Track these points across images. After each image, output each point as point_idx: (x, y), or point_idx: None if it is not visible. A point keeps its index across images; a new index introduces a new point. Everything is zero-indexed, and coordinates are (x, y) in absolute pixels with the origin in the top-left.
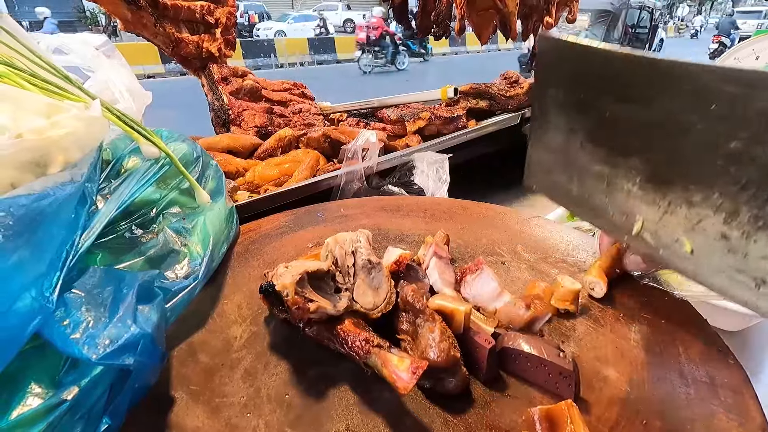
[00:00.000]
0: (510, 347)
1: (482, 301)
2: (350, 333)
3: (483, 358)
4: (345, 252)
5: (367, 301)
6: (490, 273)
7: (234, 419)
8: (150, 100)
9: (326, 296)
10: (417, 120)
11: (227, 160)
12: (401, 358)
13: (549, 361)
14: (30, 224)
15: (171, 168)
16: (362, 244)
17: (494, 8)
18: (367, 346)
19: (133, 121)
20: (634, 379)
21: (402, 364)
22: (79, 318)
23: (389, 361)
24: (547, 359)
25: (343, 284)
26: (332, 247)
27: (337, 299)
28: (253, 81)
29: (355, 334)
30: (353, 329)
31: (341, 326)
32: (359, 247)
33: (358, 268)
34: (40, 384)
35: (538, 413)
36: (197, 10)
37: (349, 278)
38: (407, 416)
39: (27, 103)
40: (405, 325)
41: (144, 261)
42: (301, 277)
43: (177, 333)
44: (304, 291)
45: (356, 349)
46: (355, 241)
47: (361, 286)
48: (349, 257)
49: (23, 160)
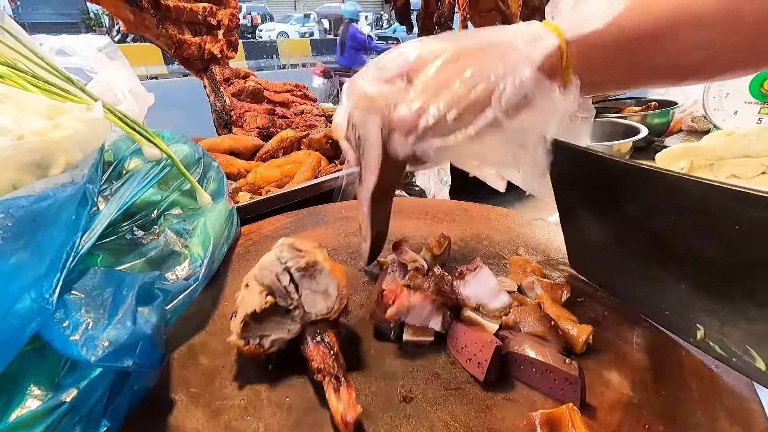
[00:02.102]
0: (515, 352)
1: (483, 300)
2: (309, 360)
3: (487, 358)
4: (275, 275)
5: (320, 307)
6: (488, 271)
7: (234, 422)
8: (152, 101)
9: (280, 323)
10: None
11: (229, 161)
12: (338, 401)
13: (555, 367)
14: (30, 226)
15: (172, 169)
16: (288, 256)
17: (497, 10)
18: (320, 375)
19: (135, 122)
20: (636, 383)
21: (338, 411)
22: (79, 319)
23: (330, 400)
24: (553, 365)
25: (291, 303)
26: (260, 278)
27: (290, 321)
28: (255, 82)
29: (312, 360)
30: (312, 353)
31: (303, 347)
32: (287, 261)
33: (298, 280)
34: (39, 386)
35: (539, 417)
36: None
37: (294, 295)
38: (408, 420)
39: (29, 105)
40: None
41: (144, 262)
42: (245, 323)
43: (177, 335)
44: (254, 333)
45: (317, 376)
46: (280, 258)
47: (308, 295)
48: (283, 277)
49: (25, 162)
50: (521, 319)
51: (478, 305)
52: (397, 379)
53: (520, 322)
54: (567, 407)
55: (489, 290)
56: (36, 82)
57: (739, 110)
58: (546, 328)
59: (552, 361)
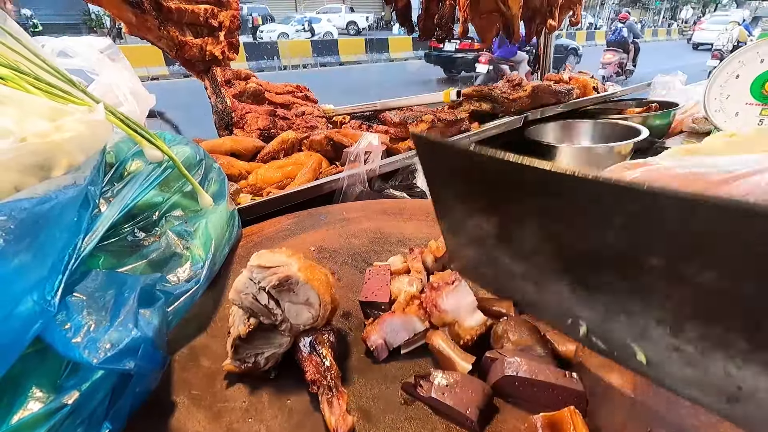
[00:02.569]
0: (512, 375)
1: (460, 315)
2: (304, 371)
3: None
4: (252, 295)
5: (305, 317)
6: (466, 286)
7: (235, 424)
8: (154, 102)
9: (270, 338)
10: (420, 123)
11: (230, 162)
12: (331, 413)
13: (558, 385)
14: (32, 228)
15: (174, 171)
16: (260, 276)
17: (497, 11)
18: (314, 387)
19: (137, 124)
20: (638, 385)
21: (330, 422)
22: (81, 322)
23: (324, 411)
24: (556, 383)
25: (276, 318)
26: (238, 302)
27: (279, 336)
28: (256, 84)
29: (306, 371)
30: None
31: (297, 357)
32: (260, 281)
33: (277, 295)
34: (41, 388)
35: (540, 420)
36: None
37: (276, 311)
38: (410, 422)
39: (31, 107)
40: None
41: (146, 264)
42: (235, 347)
43: (179, 337)
44: (248, 354)
45: (311, 387)
46: (254, 279)
47: (291, 308)
48: (260, 296)
49: (27, 164)
50: (510, 329)
51: (454, 321)
52: (399, 382)
53: (509, 332)
54: (568, 410)
55: (466, 306)
56: (38, 84)
57: (741, 112)
58: (535, 339)
59: (554, 379)
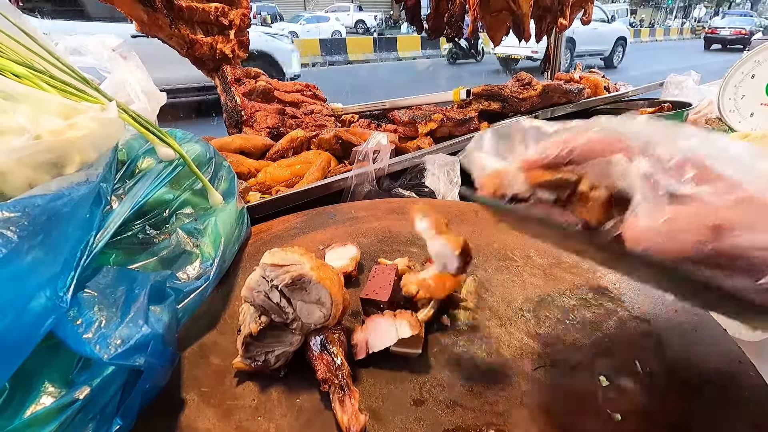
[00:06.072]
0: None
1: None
2: (315, 369)
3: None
4: (265, 293)
5: (317, 316)
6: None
7: (245, 422)
8: (165, 100)
9: (281, 336)
10: (428, 122)
11: (239, 160)
12: (343, 412)
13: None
14: (45, 224)
15: (184, 169)
16: (273, 274)
17: (508, 10)
18: (325, 386)
19: (148, 122)
20: (651, 390)
21: (343, 422)
22: (92, 317)
23: (335, 410)
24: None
25: (287, 317)
26: (250, 299)
27: (290, 334)
28: (265, 82)
29: (317, 370)
30: (317, 363)
31: (308, 355)
32: (273, 279)
33: (289, 294)
34: (53, 383)
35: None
36: (211, 12)
37: (288, 309)
38: (419, 423)
39: (46, 105)
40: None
41: (156, 261)
42: (246, 344)
43: (188, 334)
44: (258, 351)
45: (322, 386)
46: (267, 277)
47: (303, 307)
48: (273, 294)
49: (41, 161)
50: None
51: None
52: (408, 382)
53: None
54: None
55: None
56: (53, 82)
57: (756, 112)
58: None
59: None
